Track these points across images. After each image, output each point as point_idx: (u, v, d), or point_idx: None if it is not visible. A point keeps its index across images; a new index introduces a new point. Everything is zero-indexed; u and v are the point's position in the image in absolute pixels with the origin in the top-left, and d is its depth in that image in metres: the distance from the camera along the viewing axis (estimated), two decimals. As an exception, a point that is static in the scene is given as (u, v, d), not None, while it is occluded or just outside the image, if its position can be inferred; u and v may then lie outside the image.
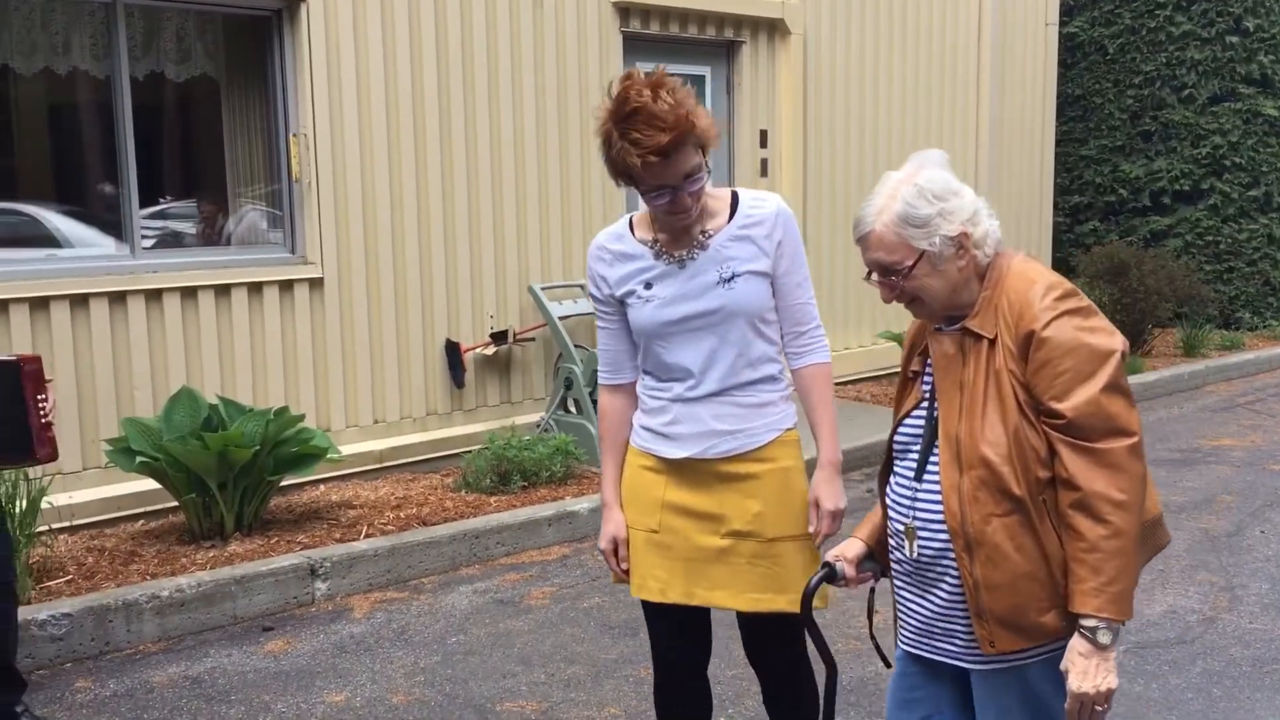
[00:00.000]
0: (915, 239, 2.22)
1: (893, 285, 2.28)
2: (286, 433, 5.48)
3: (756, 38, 8.59)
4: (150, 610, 4.63)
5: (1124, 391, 2.17)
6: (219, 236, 6.61)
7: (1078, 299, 2.21)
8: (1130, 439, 2.14)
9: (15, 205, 6.20)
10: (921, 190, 2.22)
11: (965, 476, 2.22)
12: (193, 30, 6.33)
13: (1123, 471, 2.12)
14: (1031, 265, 2.30)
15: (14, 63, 5.80)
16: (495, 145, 7.11)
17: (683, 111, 2.57)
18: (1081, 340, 2.15)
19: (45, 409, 3.61)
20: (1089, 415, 2.12)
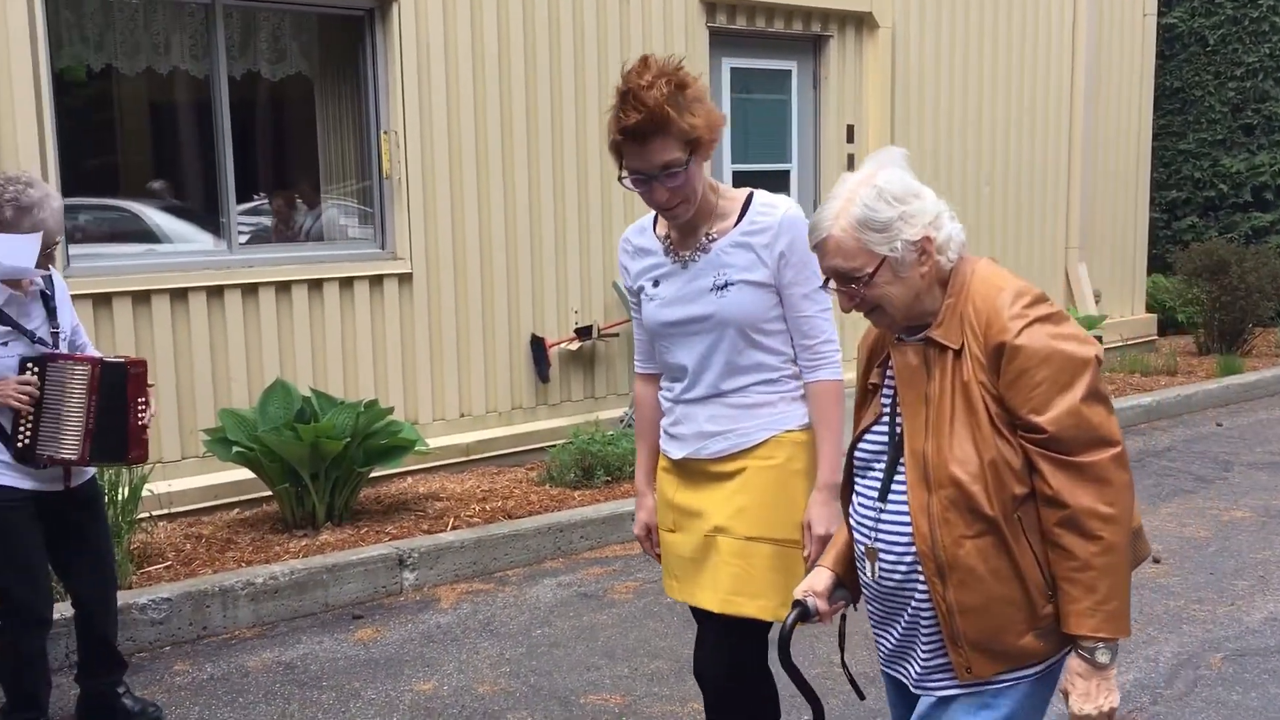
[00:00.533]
0: (875, 244, 2.10)
1: (852, 294, 2.16)
2: (376, 425, 5.58)
3: (844, 32, 8.51)
4: (245, 596, 4.75)
5: (1103, 399, 2.07)
6: (300, 232, 6.75)
7: (1047, 305, 2.11)
8: (1114, 449, 2.05)
9: (117, 202, 6.40)
10: (881, 192, 2.11)
11: (934, 496, 2.11)
12: (288, 30, 6.47)
13: (1109, 484, 2.03)
14: (997, 271, 2.19)
15: (118, 63, 5.98)
16: (581, 142, 7.15)
17: (661, 99, 2.48)
18: (1056, 348, 2.05)
19: (144, 413, 3.72)
20: (1070, 427, 2.03)
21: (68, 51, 5.80)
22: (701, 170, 2.65)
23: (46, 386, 3.56)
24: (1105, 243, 10.65)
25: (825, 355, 2.73)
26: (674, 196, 2.61)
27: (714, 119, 2.61)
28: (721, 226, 2.70)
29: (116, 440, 3.66)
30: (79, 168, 5.88)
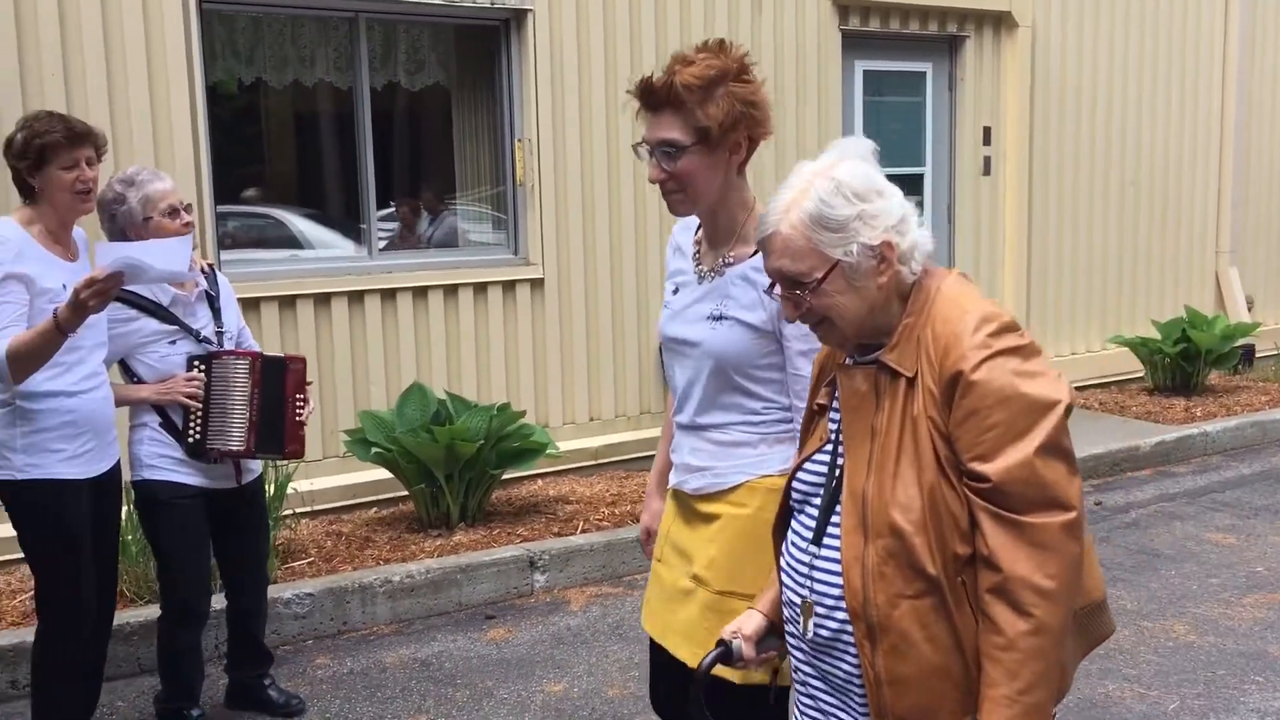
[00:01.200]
0: (828, 245, 1.85)
1: (798, 301, 1.89)
2: (508, 428, 5.67)
3: (981, 32, 8.32)
4: (383, 594, 4.88)
5: (1064, 455, 1.79)
6: (423, 239, 6.90)
7: (1017, 336, 1.82)
8: (1066, 514, 1.76)
9: (263, 209, 6.66)
10: (840, 186, 1.86)
11: (871, 546, 1.83)
12: (426, 41, 6.63)
13: (1053, 553, 1.74)
14: (965, 289, 1.90)
15: (266, 76, 6.21)
16: (711, 147, 7.13)
17: (688, 78, 2.32)
18: (1018, 388, 1.77)
19: (302, 409, 3.85)
20: (1019, 481, 1.75)
21: (220, 65, 6.05)
22: (717, 173, 2.41)
23: (212, 382, 3.72)
24: (1259, 245, 10.17)
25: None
26: (667, 180, 2.40)
27: (743, 123, 2.39)
28: (740, 252, 2.46)
29: (276, 433, 3.80)
30: (229, 176, 6.13)
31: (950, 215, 8.48)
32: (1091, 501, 6.47)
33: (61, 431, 3.37)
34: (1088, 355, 9.09)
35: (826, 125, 7.61)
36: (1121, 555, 5.65)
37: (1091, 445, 7.12)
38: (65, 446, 3.38)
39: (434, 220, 6.88)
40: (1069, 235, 8.85)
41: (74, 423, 3.39)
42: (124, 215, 3.61)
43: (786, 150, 7.44)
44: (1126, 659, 4.44)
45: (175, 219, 3.63)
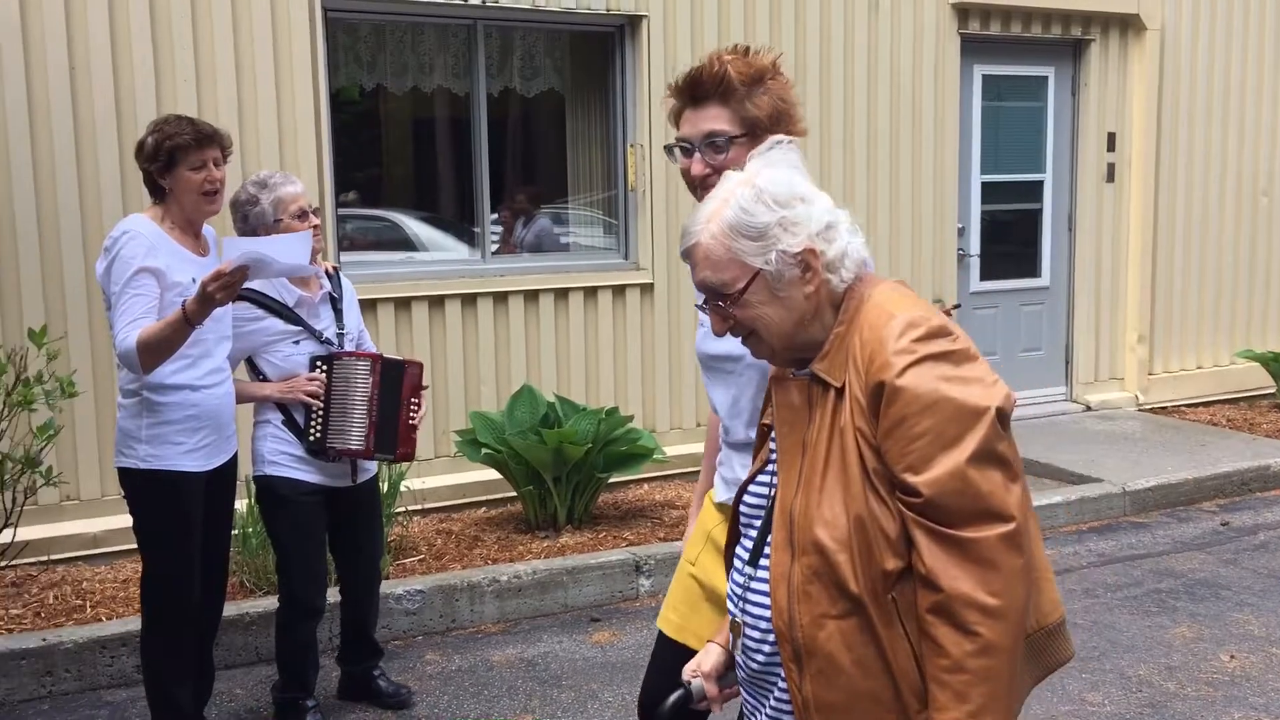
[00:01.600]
0: (748, 254, 1.77)
1: (723, 313, 1.82)
2: (616, 432, 5.69)
3: (1107, 35, 8.08)
4: (491, 593, 4.94)
5: (1000, 462, 1.68)
6: (517, 244, 6.96)
7: (946, 340, 1.73)
8: (1005, 525, 1.65)
9: (380, 212, 6.80)
10: (760, 193, 1.78)
11: (796, 564, 1.75)
12: (542, 47, 6.70)
13: (995, 568, 1.64)
14: (897, 295, 1.81)
15: (387, 82, 6.35)
16: (824, 151, 7.08)
17: (734, 67, 2.28)
18: (944, 394, 1.68)
19: (415, 413, 3.92)
20: (952, 492, 1.65)
21: (343, 73, 6.21)
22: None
23: (334, 382, 3.81)
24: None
25: None
26: (711, 175, 2.29)
27: (786, 116, 2.35)
28: None
29: (390, 435, 3.87)
30: (349, 180, 6.28)
31: (1071, 223, 8.25)
32: (1218, 522, 6.23)
33: (184, 425, 3.48)
34: (1215, 370, 8.75)
35: (943, 131, 7.47)
36: (1249, 578, 5.42)
37: (1218, 464, 6.86)
38: (186, 440, 3.48)
39: (528, 224, 6.94)
40: (1196, 245, 8.53)
41: (196, 416, 3.50)
42: (256, 216, 3.72)
43: (901, 157, 7.34)
44: (1254, 687, 4.25)
45: (304, 221, 3.73)
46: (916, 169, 7.40)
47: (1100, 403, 8.33)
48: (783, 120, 2.35)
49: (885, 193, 7.32)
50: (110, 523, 5.21)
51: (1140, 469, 6.77)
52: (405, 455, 3.92)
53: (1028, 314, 8.27)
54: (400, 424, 3.87)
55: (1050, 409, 8.21)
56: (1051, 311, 8.33)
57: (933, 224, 7.53)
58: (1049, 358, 8.37)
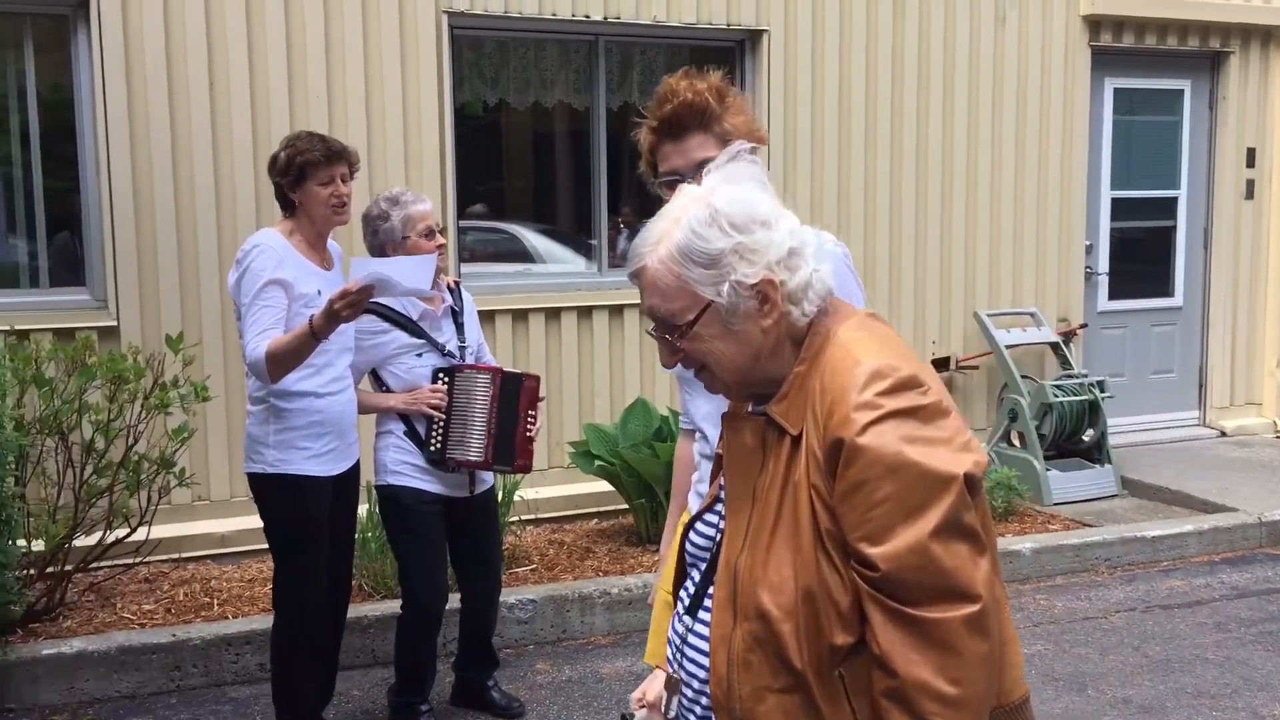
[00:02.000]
0: (699, 284, 1.59)
1: (671, 346, 1.65)
2: (729, 447, 5.65)
3: (1247, 47, 7.77)
4: (601, 605, 4.96)
5: (967, 534, 1.51)
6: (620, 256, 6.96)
7: (915, 393, 1.55)
8: (969, 606, 1.48)
9: (500, 224, 6.90)
10: (715, 214, 1.59)
11: (739, 629, 1.59)
12: (662, 62, 6.73)
13: (955, 653, 1.48)
14: (865, 334, 1.62)
15: (509, 97, 6.45)
16: (946, 168, 6.95)
17: (702, 91, 2.27)
18: (908, 457, 1.50)
19: (532, 426, 3.97)
20: (912, 568, 1.48)
21: (468, 88, 6.33)
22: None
23: (455, 394, 3.88)
24: None
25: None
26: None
27: (756, 130, 2.36)
28: None
29: (507, 447, 3.92)
30: (470, 193, 6.39)
31: (1207, 240, 7.95)
32: (1363, 557, 5.91)
33: (309, 431, 3.58)
34: (1361, 397, 8.31)
35: (1071, 145, 7.27)
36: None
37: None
38: (311, 445, 3.59)
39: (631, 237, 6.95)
40: (1342, 265, 8.14)
41: (320, 423, 3.60)
42: (385, 231, 3.82)
43: (1027, 171, 7.16)
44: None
45: (430, 240, 3.82)
46: (1043, 184, 7.21)
47: (1236, 428, 7.98)
48: (754, 132, 2.37)
49: (1009, 208, 7.16)
50: (238, 523, 5.39)
51: (1278, 498, 6.47)
52: (523, 467, 3.97)
53: (1159, 335, 7.98)
54: (518, 436, 3.92)
55: (1181, 434, 7.90)
56: (1185, 332, 8.03)
57: (1059, 240, 7.33)
58: (1181, 381, 8.06)
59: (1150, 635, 4.96)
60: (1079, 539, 5.86)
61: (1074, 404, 6.76)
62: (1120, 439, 7.35)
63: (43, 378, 4.58)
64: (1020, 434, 6.81)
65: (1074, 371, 7.01)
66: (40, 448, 4.65)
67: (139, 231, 5.32)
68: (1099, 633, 4.98)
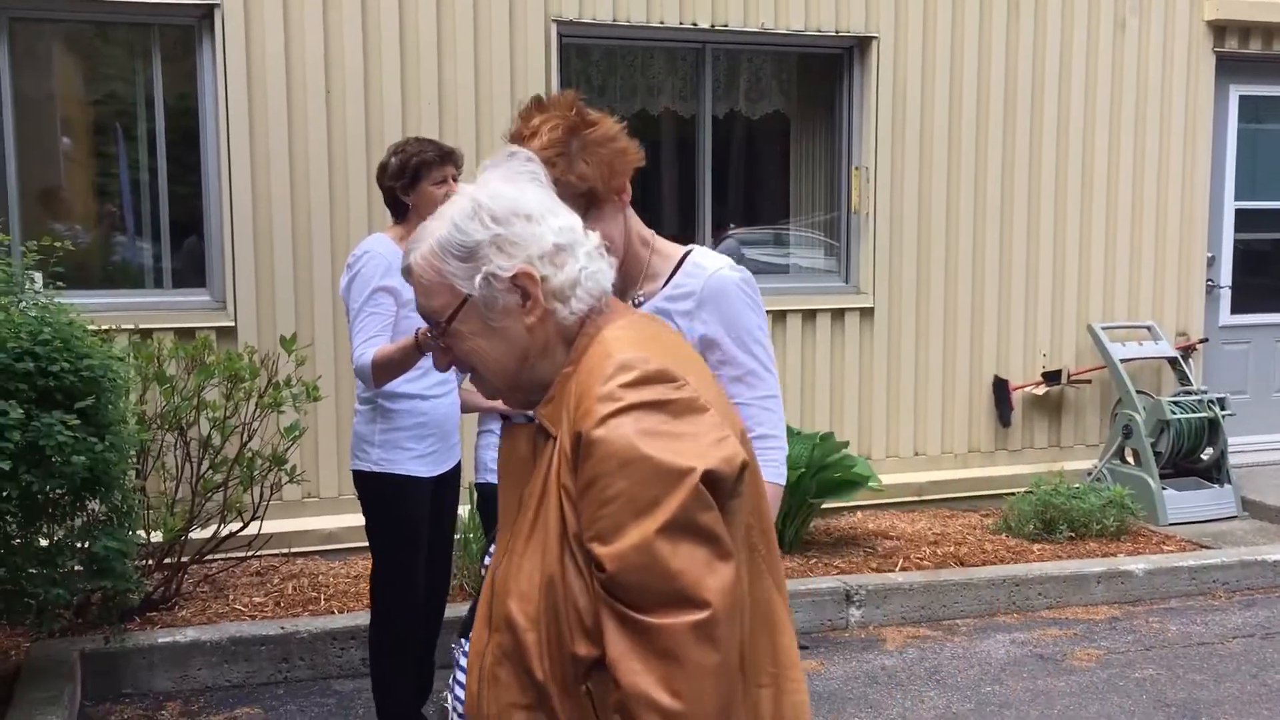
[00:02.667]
0: (458, 277, 1.55)
1: (435, 345, 1.61)
2: (830, 458, 5.61)
3: (1384, 51, 7.43)
4: (698, 612, 4.94)
5: (703, 536, 1.40)
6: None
7: (666, 387, 1.46)
8: (699, 612, 1.38)
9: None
10: (478, 208, 1.55)
11: (491, 643, 1.54)
12: (769, 70, 6.71)
13: (679, 663, 1.37)
14: (631, 331, 1.55)
15: (615, 104, 6.50)
16: (1061, 176, 6.79)
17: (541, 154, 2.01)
18: (641, 451, 1.41)
19: None
20: (638, 569, 1.38)
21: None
22: (619, 220, 2.21)
23: None
24: None
25: (763, 451, 2.16)
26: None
27: (617, 164, 2.16)
28: (650, 289, 2.26)
29: None
30: (577, 201, 6.45)
31: (1337, 255, 7.61)
32: None
33: (414, 431, 3.65)
34: None
35: (1194, 154, 7.04)
36: None
37: None
38: (415, 446, 3.65)
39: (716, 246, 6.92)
40: None
41: (425, 424, 3.66)
42: None
43: (1146, 181, 6.95)
44: None
45: None
46: (1162, 194, 6.99)
47: (1366, 450, 7.62)
48: (614, 165, 2.20)
49: (1127, 218, 6.95)
50: (346, 520, 5.52)
51: None
52: None
53: (1284, 351, 7.67)
54: None
55: (1307, 455, 7.58)
56: (1312, 349, 7.70)
57: (1178, 253, 7.10)
58: (1307, 399, 7.74)
59: (1269, 663, 4.76)
60: (1195, 561, 5.66)
61: (1192, 421, 6.53)
62: (1241, 459, 7.07)
63: (164, 375, 4.76)
64: (1135, 451, 6.61)
65: (1193, 388, 6.78)
66: (160, 443, 4.82)
67: (256, 235, 5.49)
68: (1214, 659, 4.80)
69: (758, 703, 1.53)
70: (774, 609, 1.57)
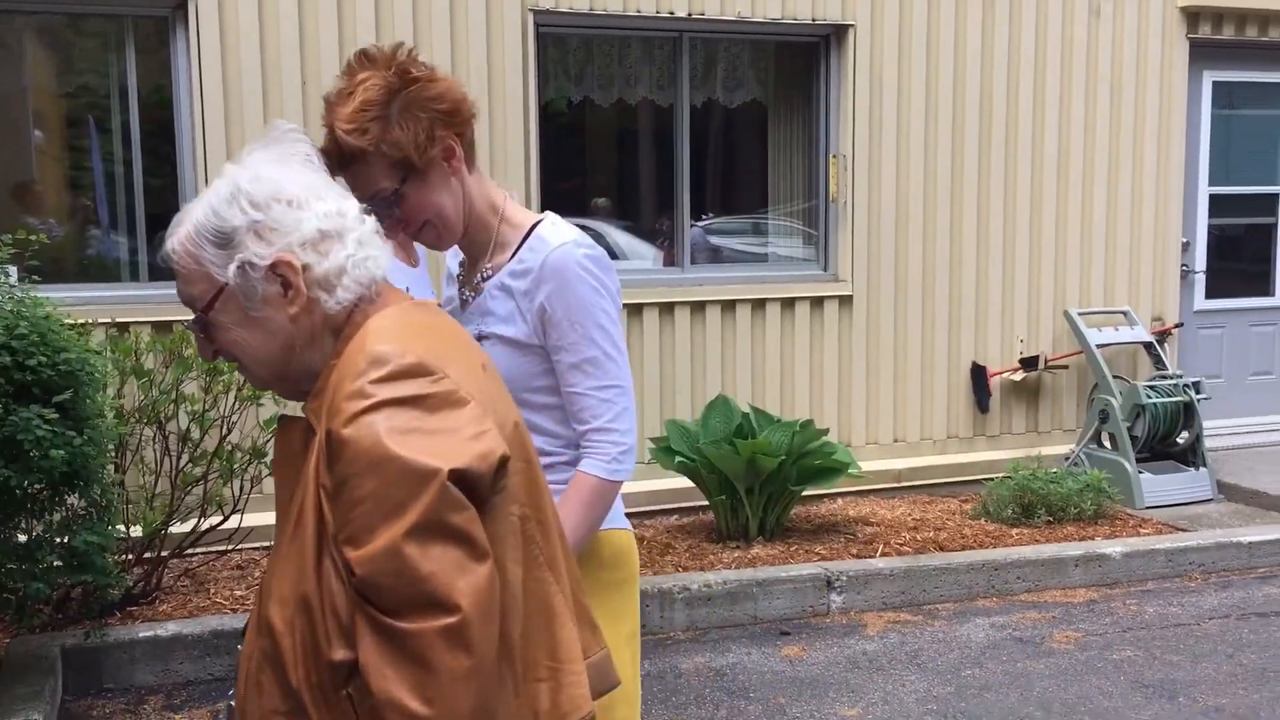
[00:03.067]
0: (215, 265, 1.49)
1: (197, 335, 1.55)
2: (810, 445, 5.63)
3: (1355, 36, 7.50)
4: (681, 601, 4.97)
5: (455, 537, 1.37)
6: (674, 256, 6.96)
7: (422, 381, 1.42)
8: (449, 616, 1.34)
9: (581, 221, 6.95)
10: (237, 191, 1.50)
11: (256, 646, 1.50)
12: (746, 58, 6.72)
13: (430, 669, 1.34)
14: (395, 322, 1.50)
15: (594, 95, 6.49)
16: (1037, 163, 6.83)
17: (350, 124, 1.93)
18: (389, 451, 1.37)
19: None
20: (386, 572, 1.35)
21: (553, 85, 6.38)
22: (448, 189, 2.04)
23: None
24: None
25: (596, 444, 2.05)
26: (406, 228, 2.03)
27: (439, 127, 1.98)
28: (498, 260, 2.11)
29: None
30: (554, 189, 6.44)
31: (1309, 239, 7.69)
32: None
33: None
34: None
35: (1168, 140, 7.09)
36: None
37: None
38: None
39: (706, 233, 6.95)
40: None
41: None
42: None
43: (1121, 167, 7.00)
44: None
45: None
46: (1137, 180, 7.04)
47: (1339, 433, 7.72)
48: (437, 128, 2.03)
49: (1102, 205, 7.00)
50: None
51: (1384, 506, 6.24)
52: None
53: (1258, 335, 7.74)
54: None
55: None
56: (1285, 333, 7.78)
57: (1153, 238, 7.15)
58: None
59: (1245, 643, 4.82)
60: (1171, 544, 5.72)
61: (1168, 405, 6.59)
62: (1217, 442, 7.14)
63: (142, 369, 4.74)
64: (1112, 436, 6.66)
65: (1168, 372, 6.84)
66: (139, 437, 4.80)
67: (233, 227, 5.45)
68: (1191, 639, 4.85)
69: (535, 696, 1.50)
70: (551, 601, 1.54)
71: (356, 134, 1.92)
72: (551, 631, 1.54)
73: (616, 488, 2.08)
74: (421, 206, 2.01)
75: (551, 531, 1.57)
